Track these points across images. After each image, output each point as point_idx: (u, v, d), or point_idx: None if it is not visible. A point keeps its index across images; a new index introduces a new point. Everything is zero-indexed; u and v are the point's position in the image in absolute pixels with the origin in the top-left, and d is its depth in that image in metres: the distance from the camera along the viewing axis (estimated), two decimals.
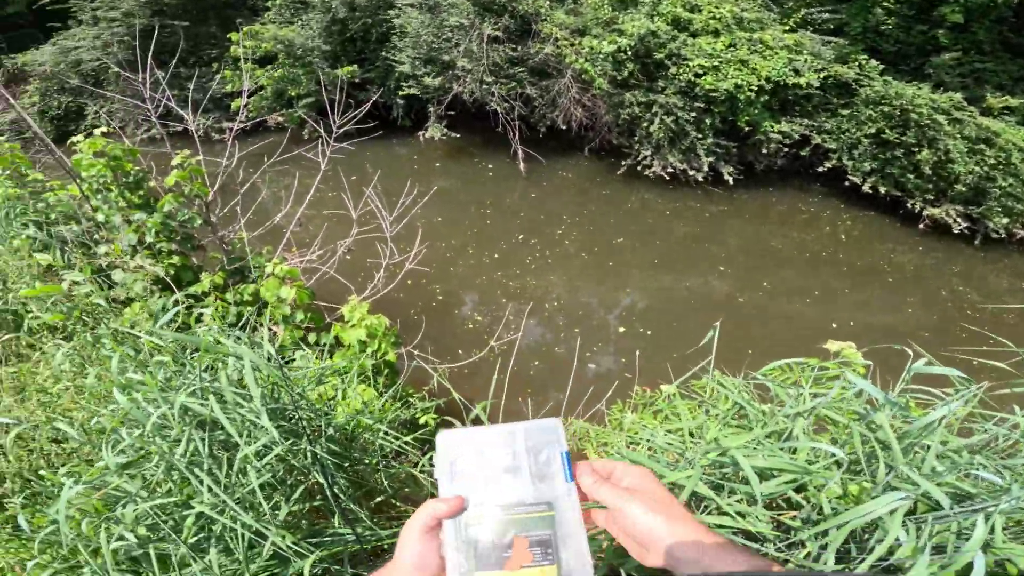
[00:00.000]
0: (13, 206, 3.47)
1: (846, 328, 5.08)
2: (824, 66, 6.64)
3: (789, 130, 6.77)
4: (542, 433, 0.68)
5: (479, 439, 0.68)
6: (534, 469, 0.66)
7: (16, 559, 1.60)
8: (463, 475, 0.65)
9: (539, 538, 0.61)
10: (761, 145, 6.93)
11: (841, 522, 1.16)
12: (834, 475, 1.25)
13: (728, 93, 6.53)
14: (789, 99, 6.86)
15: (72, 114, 9.69)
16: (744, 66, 6.62)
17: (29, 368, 2.38)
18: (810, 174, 7.30)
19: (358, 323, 2.36)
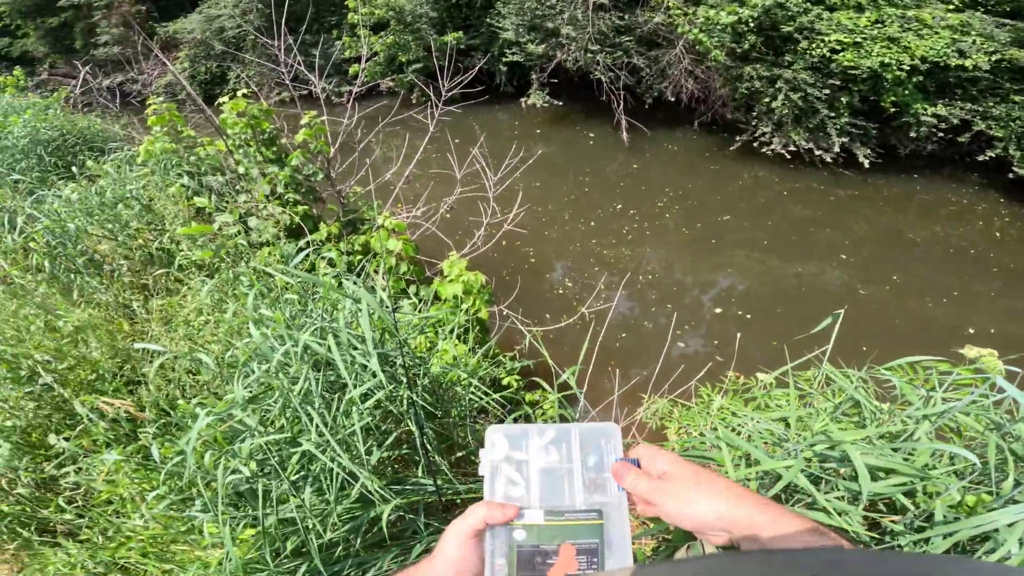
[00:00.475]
0: (170, 159, 3.98)
1: (985, 335, 4.42)
2: (997, 49, 5.75)
3: (946, 114, 6.01)
4: (597, 437, 0.64)
5: (530, 437, 0.64)
6: (586, 475, 0.62)
7: (138, 490, 1.77)
8: (511, 476, 0.62)
9: (587, 547, 0.58)
10: (909, 128, 6.23)
11: (952, 530, 1.06)
12: (954, 482, 1.13)
13: (871, 71, 5.93)
14: (949, 81, 6.07)
15: (216, 78, 10.84)
16: (894, 44, 5.96)
17: (177, 301, 2.76)
18: (966, 163, 6.43)
19: (456, 278, 2.45)
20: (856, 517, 1.20)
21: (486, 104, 8.13)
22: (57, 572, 1.80)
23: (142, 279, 3.21)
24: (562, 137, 8.02)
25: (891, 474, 1.23)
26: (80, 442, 2.06)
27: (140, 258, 3.31)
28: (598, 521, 0.60)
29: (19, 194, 3.91)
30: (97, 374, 2.46)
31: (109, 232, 3.41)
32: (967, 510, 1.23)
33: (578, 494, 0.61)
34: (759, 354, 4.13)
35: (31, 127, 4.86)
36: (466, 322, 2.36)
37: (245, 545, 1.49)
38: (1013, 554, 0.91)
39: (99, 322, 2.74)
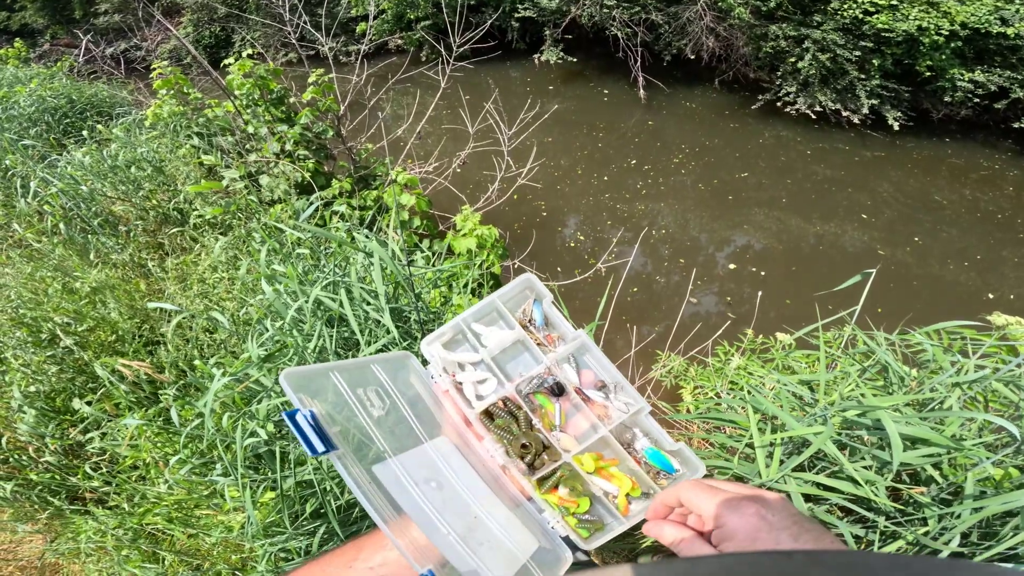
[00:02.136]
0: (179, 121, 3.93)
1: (1007, 301, 4.32)
2: None
3: (984, 80, 5.83)
4: (400, 367, 0.64)
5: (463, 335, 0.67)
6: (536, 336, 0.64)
7: (161, 454, 1.78)
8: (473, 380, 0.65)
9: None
10: (943, 93, 6.07)
11: (982, 505, 1.03)
12: (986, 455, 1.09)
13: (907, 35, 5.72)
14: (989, 48, 5.85)
15: (222, 42, 10.64)
16: (933, 8, 5.74)
17: (191, 259, 2.76)
18: (1001, 129, 6.24)
19: (469, 232, 2.40)
20: (882, 487, 1.17)
21: (498, 61, 7.88)
22: (89, 540, 1.84)
23: (158, 238, 3.21)
24: (576, 94, 7.78)
25: (920, 444, 1.19)
26: (103, 406, 2.08)
27: (155, 218, 3.31)
28: None
29: (31, 159, 3.90)
30: (117, 335, 2.47)
31: (123, 194, 3.40)
32: (993, 484, 1.19)
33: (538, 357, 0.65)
34: (776, 313, 4.07)
35: (37, 96, 4.83)
36: (479, 276, 2.33)
37: (265, 508, 1.50)
38: None
39: (116, 282, 2.76)
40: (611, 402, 0.65)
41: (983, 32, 5.63)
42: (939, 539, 1.09)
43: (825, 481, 1.18)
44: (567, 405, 0.65)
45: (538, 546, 0.55)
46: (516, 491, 0.60)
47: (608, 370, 0.67)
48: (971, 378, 1.28)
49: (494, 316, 0.69)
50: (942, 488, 1.22)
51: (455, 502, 0.54)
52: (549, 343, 0.67)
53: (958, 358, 1.34)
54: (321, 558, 0.57)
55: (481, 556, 0.51)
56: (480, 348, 0.65)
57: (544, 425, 0.62)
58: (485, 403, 0.62)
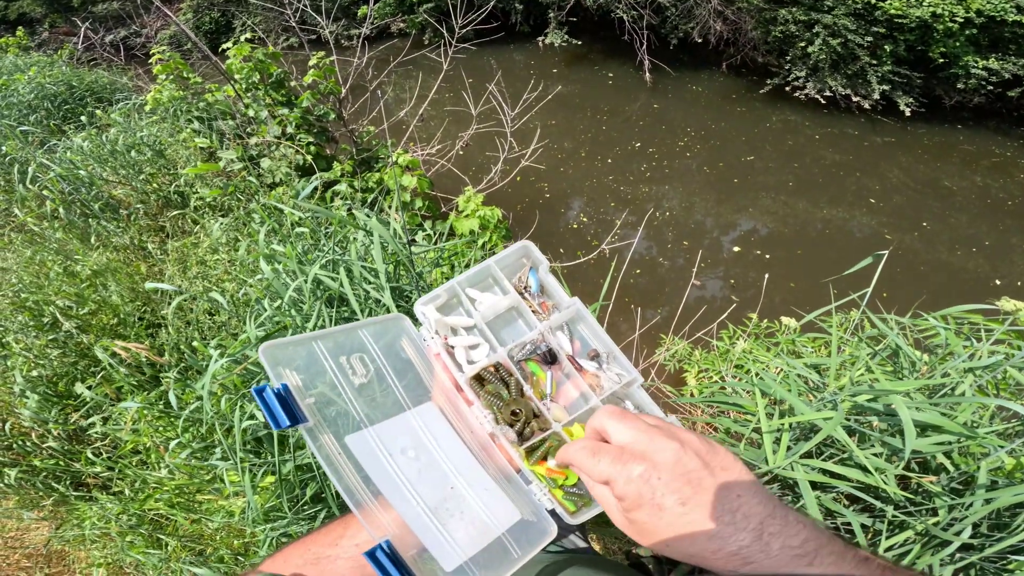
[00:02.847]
0: (179, 105, 3.89)
1: (1015, 287, 4.28)
2: None
3: (998, 68, 5.75)
4: (393, 331, 0.63)
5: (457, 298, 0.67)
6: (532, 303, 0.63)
7: (162, 438, 1.77)
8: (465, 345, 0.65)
9: None
10: (957, 79, 5.99)
11: (994, 495, 1.00)
12: (1000, 443, 1.06)
13: (921, 21, 5.62)
14: (1005, 36, 5.76)
15: (222, 28, 10.54)
16: None
17: (192, 241, 2.74)
18: (1014, 117, 6.19)
19: (472, 213, 2.37)
20: (891, 476, 1.14)
21: (501, 44, 7.77)
22: (93, 526, 1.84)
23: (159, 221, 3.20)
24: (580, 77, 7.67)
25: (931, 431, 1.16)
26: (104, 390, 2.06)
27: (156, 201, 3.29)
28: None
29: (30, 145, 3.88)
30: (118, 318, 2.46)
31: (123, 178, 3.38)
32: (1005, 473, 1.16)
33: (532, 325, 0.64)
34: (781, 297, 4.03)
35: (36, 83, 4.80)
36: (482, 257, 2.30)
37: (265, 493, 1.49)
38: None
39: (117, 265, 2.75)
40: (604, 372, 0.63)
41: (999, 20, 5.54)
42: (949, 530, 1.06)
43: (833, 468, 1.15)
44: (559, 375, 0.64)
45: (519, 519, 0.53)
46: (504, 461, 0.57)
47: (602, 339, 0.65)
48: (984, 363, 1.24)
49: (489, 282, 0.68)
50: (953, 477, 1.19)
51: (431, 472, 0.52)
52: (544, 311, 0.65)
53: (971, 343, 1.30)
54: (307, 537, 0.56)
55: (450, 528, 0.49)
56: (473, 313, 0.63)
57: (535, 393, 0.60)
58: (476, 367, 0.60)
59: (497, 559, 0.50)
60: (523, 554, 0.50)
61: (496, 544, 0.51)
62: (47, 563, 1.98)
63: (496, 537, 0.51)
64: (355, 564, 0.52)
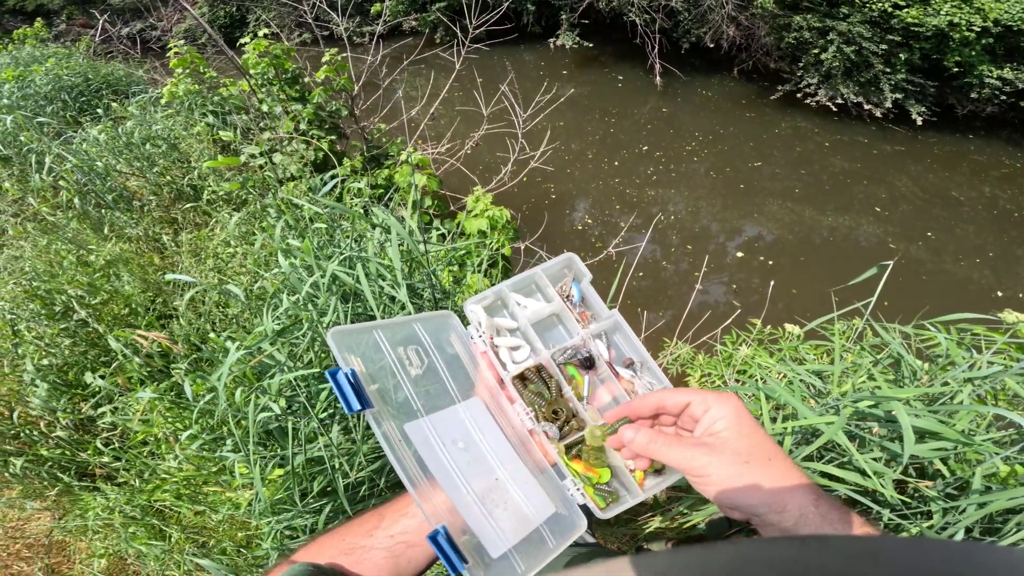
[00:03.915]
0: (194, 99, 3.93)
1: (1016, 299, 4.27)
2: None
3: (1013, 78, 5.75)
4: (444, 327, 0.65)
5: (505, 305, 0.69)
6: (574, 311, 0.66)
7: (171, 430, 1.79)
8: (509, 346, 0.67)
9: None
10: (970, 89, 5.98)
11: (988, 500, 1.02)
12: (995, 451, 1.08)
13: (938, 30, 5.60)
14: (1021, 45, 5.75)
15: (236, 22, 10.61)
16: (966, 4, 5.61)
17: (206, 233, 2.77)
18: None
19: (480, 213, 2.39)
20: (889, 480, 1.17)
21: (512, 44, 7.79)
22: (96, 517, 1.85)
23: (171, 214, 3.24)
24: (590, 79, 7.68)
25: (930, 438, 1.19)
26: (115, 380, 2.08)
27: (169, 194, 3.33)
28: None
29: (46, 136, 3.93)
30: (130, 308, 2.49)
31: (137, 170, 3.42)
32: (999, 480, 1.19)
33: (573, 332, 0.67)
34: (784, 304, 4.04)
35: (53, 75, 4.86)
36: (490, 257, 2.33)
37: (273, 486, 1.51)
38: None
39: (130, 255, 2.78)
40: (638, 379, 0.66)
41: (1015, 29, 5.53)
42: (943, 533, 1.09)
43: (833, 471, 1.18)
44: (594, 379, 0.67)
45: (554, 511, 0.56)
46: (540, 456, 0.61)
47: (637, 349, 0.69)
48: (984, 373, 1.27)
49: (532, 289, 0.72)
50: (948, 483, 1.22)
51: (479, 464, 0.55)
52: (583, 320, 0.69)
53: (972, 353, 1.32)
54: (343, 526, 0.58)
55: (496, 517, 0.52)
56: (519, 316, 0.67)
57: (574, 395, 0.63)
58: (520, 367, 0.64)
59: (535, 549, 0.53)
60: (557, 545, 0.53)
61: (535, 534, 0.54)
62: (47, 553, 1.98)
63: (535, 528, 0.54)
64: (389, 555, 0.54)
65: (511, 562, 0.51)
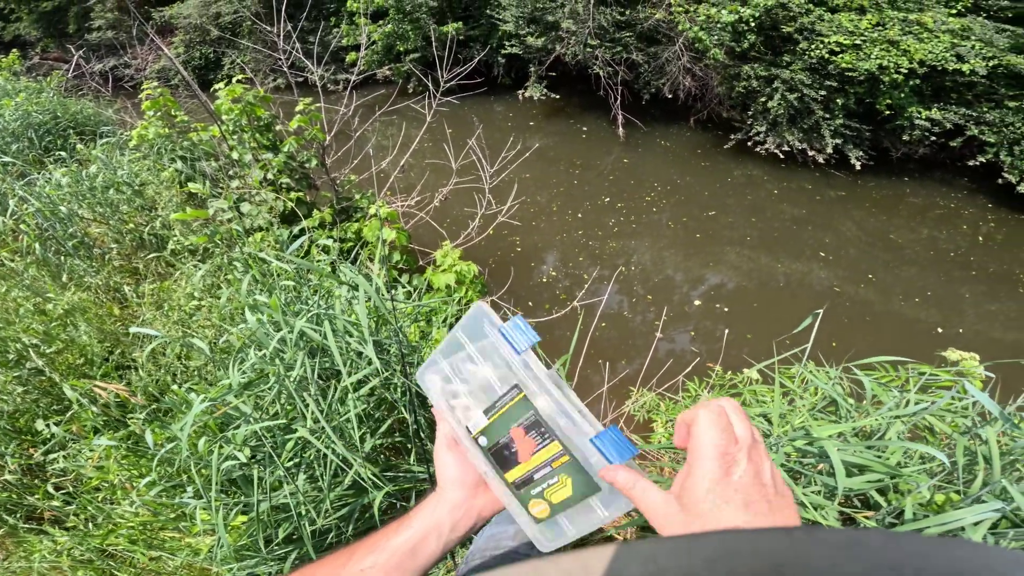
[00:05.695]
0: (164, 143, 3.95)
1: (963, 338, 4.53)
2: (996, 54, 5.79)
3: (940, 118, 6.08)
4: (479, 323, 0.65)
5: (444, 361, 0.68)
6: (491, 361, 0.64)
7: (128, 476, 1.77)
8: (462, 403, 0.66)
9: (527, 422, 0.60)
10: (902, 131, 6.30)
11: (922, 527, 1.11)
12: (925, 480, 1.18)
13: (869, 74, 5.96)
14: (946, 85, 6.12)
15: (211, 64, 10.70)
16: (893, 47, 5.99)
17: (169, 285, 2.75)
18: (957, 167, 6.53)
19: (449, 268, 2.46)
20: (832, 512, 1.25)
21: (483, 96, 8.11)
22: (43, 559, 1.79)
23: (133, 263, 3.20)
24: (556, 130, 8.02)
25: (866, 471, 1.28)
26: (69, 427, 2.04)
27: (131, 242, 3.30)
28: (520, 395, 0.61)
29: (10, 176, 3.87)
30: (86, 358, 2.45)
31: (100, 216, 3.39)
32: (936, 508, 1.28)
33: (494, 381, 0.63)
34: (745, 350, 4.19)
35: (23, 111, 4.81)
36: (458, 312, 2.38)
37: (236, 532, 1.50)
38: None
39: (89, 305, 2.73)
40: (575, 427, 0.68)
41: (940, 69, 5.86)
42: None
43: None
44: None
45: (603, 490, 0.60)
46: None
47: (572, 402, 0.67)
48: (910, 411, 1.39)
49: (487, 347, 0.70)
50: (887, 512, 1.30)
51: None
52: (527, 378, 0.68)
53: (895, 393, 1.44)
54: (314, 563, 0.60)
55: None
56: (470, 379, 0.67)
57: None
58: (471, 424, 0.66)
59: (584, 515, 0.59)
60: (609, 515, 0.57)
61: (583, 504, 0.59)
62: None
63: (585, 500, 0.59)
64: None
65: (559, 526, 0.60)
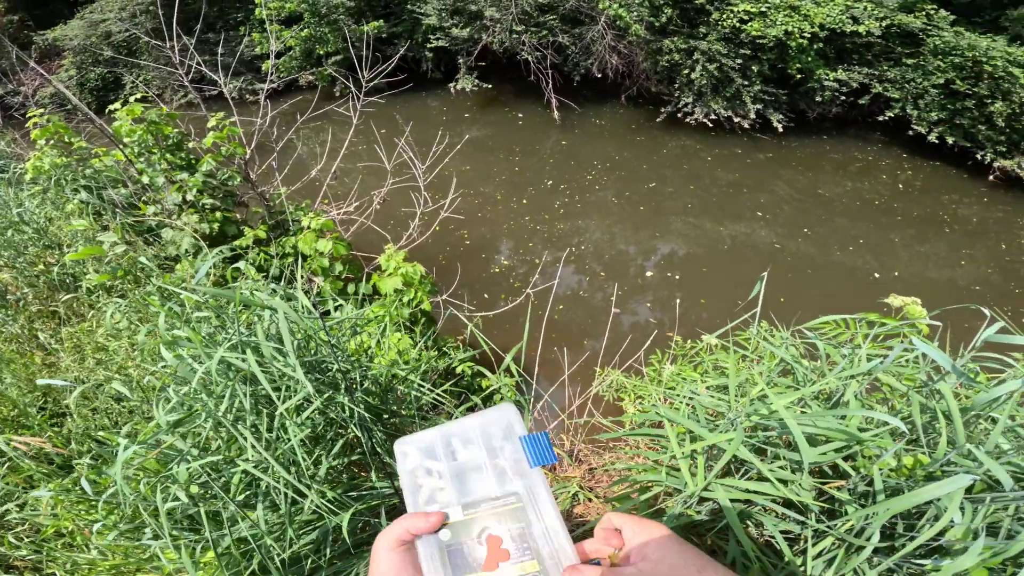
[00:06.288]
0: (63, 173, 3.60)
1: (901, 280, 4.83)
2: (887, 15, 6.24)
3: (846, 78, 6.51)
4: (496, 425, 0.63)
5: (436, 441, 0.63)
6: (496, 461, 0.61)
7: (84, 522, 1.67)
8: (432, 483, 0.61)
9: (514, 532, 0.57)
10: (814, 93, 6.70)
11: (894, 503, 1.06)
12: (889, 444, 1.14)
13: (777, 40, 6.26)
14: (847, 47, 6.54)
15: (111, 84, 9.93)
16: (795, 12, 6.33)
17: (87, 327, 2.52)
18: (869, 123, 6.98)
19: (394, 272, 2.36)
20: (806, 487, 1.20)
21: (414, 92, 7.92)
22: None
23: (51, 306, 2.91)
24: (492, 119, 7.95)
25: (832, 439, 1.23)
26: (13, 479, 1.92)
27: (45, 284, 3.00)
28: (517, 504, 0.58)
29: None
30: (17, 410, 2.24)
31: (7, 260, 3.06)
32: (906, 472, 1.22)
33: (491, 482, 0.60)
34: (703, 315, 4.29)
35: None
36: (410, 315, 2.28)
37: (209, 567, 1.43)
38: (956, 522, 0.92)
39: (11, 355, 2.49)
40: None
41: (839, 32, 6.25)
42: (861, 536, 1.08)
43: (752, 486, 1.21)
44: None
45: None
46: None
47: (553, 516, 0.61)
48: (863, 369, 1.35)
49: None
50: (858, 480, 1.25)
51: None
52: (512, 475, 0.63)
53: (847, 351, 1.44)
54: None
55: None
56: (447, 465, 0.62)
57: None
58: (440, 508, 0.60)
59: None
60: None
61: None
62: None
63: None
64: None
65: None
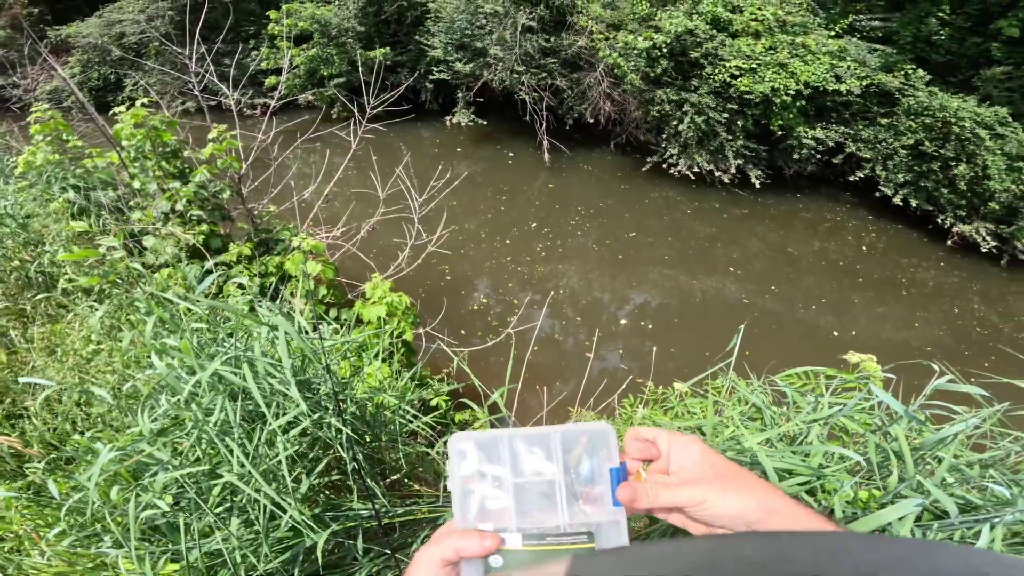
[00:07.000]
0: (54, 171, 3.57)
1: (858, 340, 5.04)
2: (868, 74, 6.50)
3: (823, 136, 6.70)
4: (583, 441, 0.53)
5: (504, 445, 0.53)
6: (575, 487, 0.52)
7: (33, 526, 1.58)
8: (487, 492, 0.52)
9: None
10: (792, 150, 6.87)
11: (852, 527, 1.17)
12: (847, 479, 1.26)
13: (764, 96, 6.45)
14: (827, 105, 6.76)
15: (111, 85, 9.92)
16: (783, 69, 6.53)
17: (62, 329, 2.46)
18: (840, 183, 7.23)
19: (379, 300, 2.39)
20: None
21: (410, 122, 8.09)
22: None
23: (19, 304, 2.83)
24: (484, 155, 8.14)
25: (796, 474, 1.35)
26: None
27: (17, 281, 2.92)
28: (587, 545, 0.50)
29: None
30: None
31: None
32: (862, 505, 1.36)
33: (563, 512, 0.51)
34: (672, 365, 4.39)
35: None
36: (390, 345, 2.30)
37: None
38: None
39: None
40: None
41: (822, 90, 6.46)
42: None
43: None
44: None
45: None
46: None
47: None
48: (825, 414, 1.50)
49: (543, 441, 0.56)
50: (820, 511, 1.37)
51: None
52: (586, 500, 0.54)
53: (812, 398, 1.56)
54: None
55: None
56: (519, 464, 0.54)
57: None
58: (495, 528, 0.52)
59: None
60: None
61: None
62: None
63: None
64: None
65: None
